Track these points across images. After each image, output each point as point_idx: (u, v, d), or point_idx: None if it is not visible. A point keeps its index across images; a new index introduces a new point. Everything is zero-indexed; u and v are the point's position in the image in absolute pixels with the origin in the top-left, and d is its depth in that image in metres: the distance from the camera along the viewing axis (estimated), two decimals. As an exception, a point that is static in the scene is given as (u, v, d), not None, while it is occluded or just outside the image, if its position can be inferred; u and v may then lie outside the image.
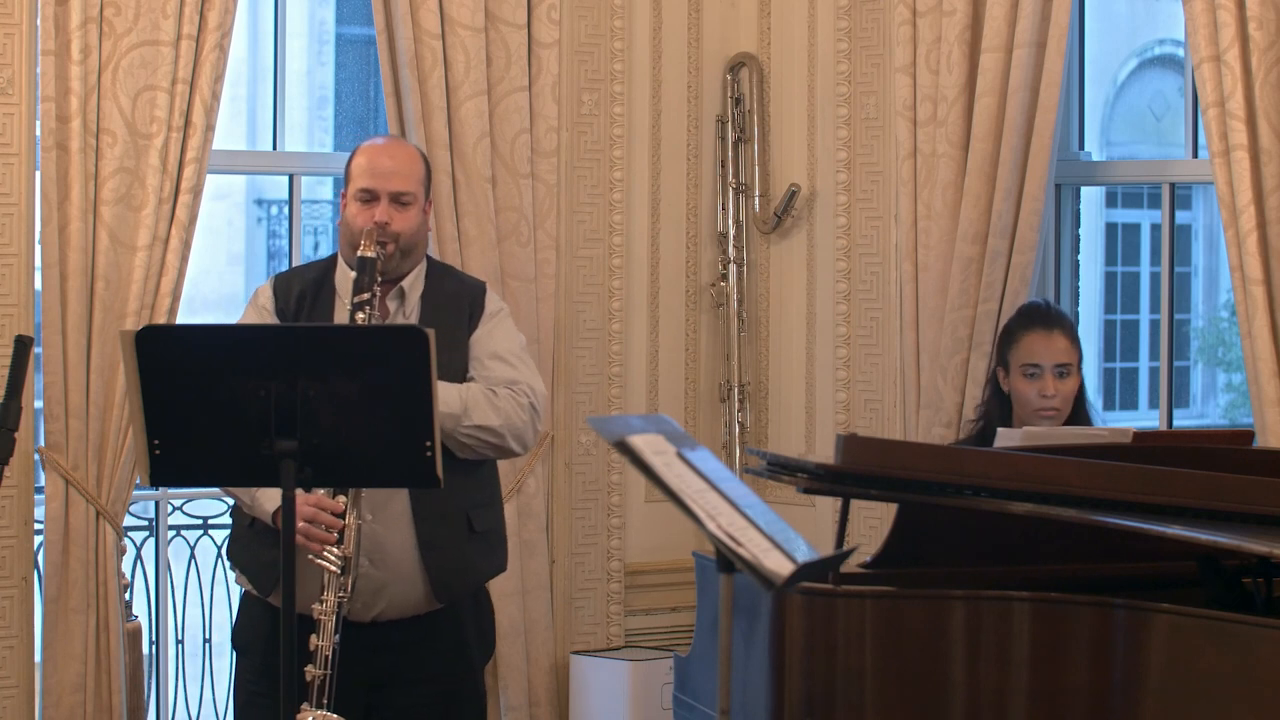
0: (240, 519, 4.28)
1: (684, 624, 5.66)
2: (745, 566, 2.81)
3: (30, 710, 4.98)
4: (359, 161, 4.28)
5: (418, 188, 4.26)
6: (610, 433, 2.98)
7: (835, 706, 3.49)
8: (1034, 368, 4.57)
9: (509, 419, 4.16)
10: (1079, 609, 3.44)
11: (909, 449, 4.02)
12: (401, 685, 4.23)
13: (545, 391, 4.33)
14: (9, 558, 4.95)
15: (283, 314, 4.26)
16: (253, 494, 4.13)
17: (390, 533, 4.15)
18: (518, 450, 4.24)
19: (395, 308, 4.26)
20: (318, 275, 4.30)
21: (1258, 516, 3.53)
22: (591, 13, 5.64)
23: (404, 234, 4.21)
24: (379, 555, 4.15)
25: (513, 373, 4.23)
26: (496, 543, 4.36)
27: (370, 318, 4.08)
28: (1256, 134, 4.71)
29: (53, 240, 4.89)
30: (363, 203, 4.22)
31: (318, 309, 4.24)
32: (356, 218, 4.21)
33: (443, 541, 4.19)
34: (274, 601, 4.19)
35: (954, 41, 5.20)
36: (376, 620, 4.17)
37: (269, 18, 5.66)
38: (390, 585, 4.16)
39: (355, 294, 4.09)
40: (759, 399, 5.84)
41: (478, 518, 4.26)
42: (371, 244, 4.13)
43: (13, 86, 4.90)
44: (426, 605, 4.22)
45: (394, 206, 4.22)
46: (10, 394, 3.86)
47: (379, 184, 4.22)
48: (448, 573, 4.20)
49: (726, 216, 5.83)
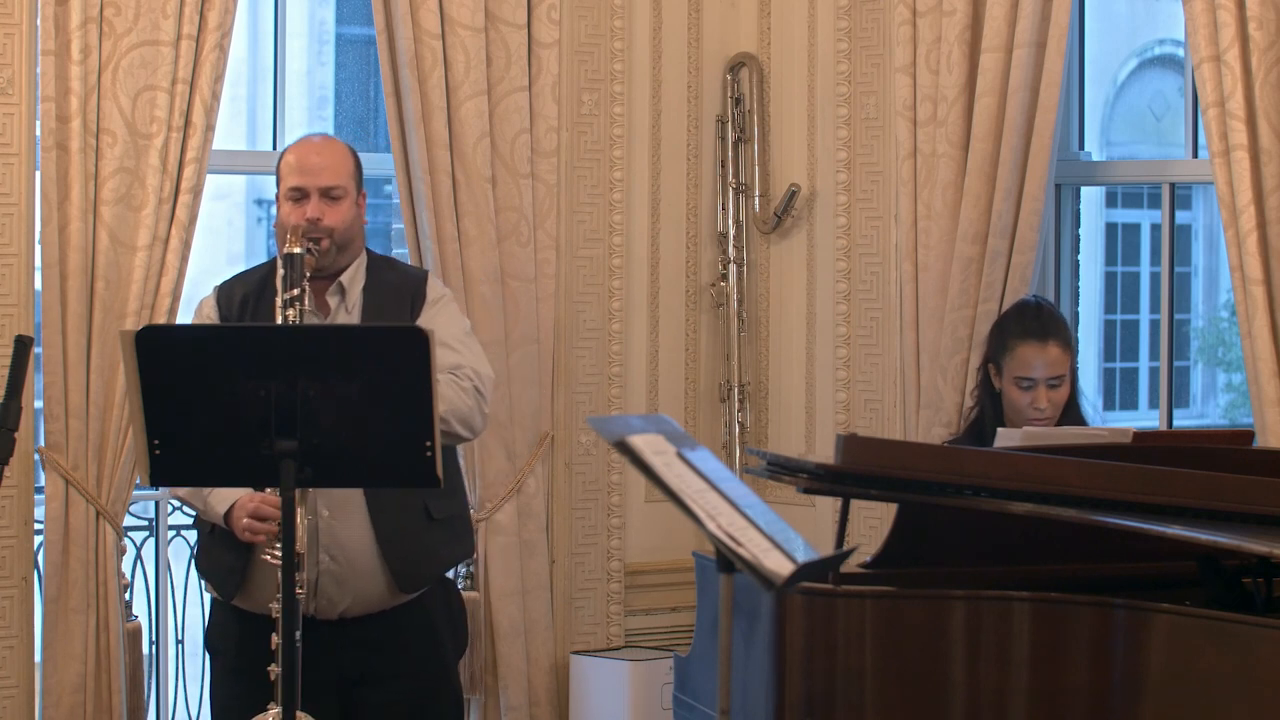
0: (204, 526, 4.31)
1: (684, 624, 5.66)
2: (745, 566, 2.81)
3: (30, 710, 4.97)
4: (288, 160, 4.31)
5: (347, 181, 4.28)
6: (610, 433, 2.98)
7: (835, 706, 3.49)
8: (1027, 380, 4.56)
9: (452, 404, 4.14)
10: (1079, 609, 3.44)
11: (909, 449, 4.02)
12: (375, 682, 4.24)
13: (492, 374, 4.32)
14: (9, 558, 4.95)
15: (225, 320, 4.28)
16: (204, 498, 4.14)
17: (347, 527, 4.17)
18: (466, 435, 4.24)
19: (336, 303, 4.28)
20: (259, 278, 4.32)
21: (1258, 516, 3.53)
22: (591, 13, 5.64)
23: (337, 228, 4.24)
24: (338, 550, 4.16)
25: (455, 357, 4.22)
26: (460, 529, 4.38)
27: (300, 315, 4.07)
28: (1256, 134, 4.71)
29: (53, 240, 4.89)
30: (294, 201, 4.25)
31: (260, 311, 4.25)
32: (289, 216, 4.23)
33: (401, 532, 4.21)
34: (240, 604, 4.24)
35: (954, 41, 5.20)
36: (344, 616, 4.19)
37: (269, 18, 5.66)
38: (352, 580, 4.17)
39: (284, 291, 4.09)
40: (759, 399, 5.84)
41: (436, 505, 4.27)
42: (298, 240, 4.14)
43: (13, 86, 4.90)
44: (391, 599, 4.23)
45: (325, 201, 4.24)
46: (10, 394, 3.86)
47: (308, 181, 4.25)
48: (408, 563, 4.22)
49: (726, 216, 5.83)
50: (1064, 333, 4.64)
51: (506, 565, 5.41)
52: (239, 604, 4.24)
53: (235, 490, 4.09)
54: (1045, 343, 4.57)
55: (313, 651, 4.00)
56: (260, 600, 4.15)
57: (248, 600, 4.22)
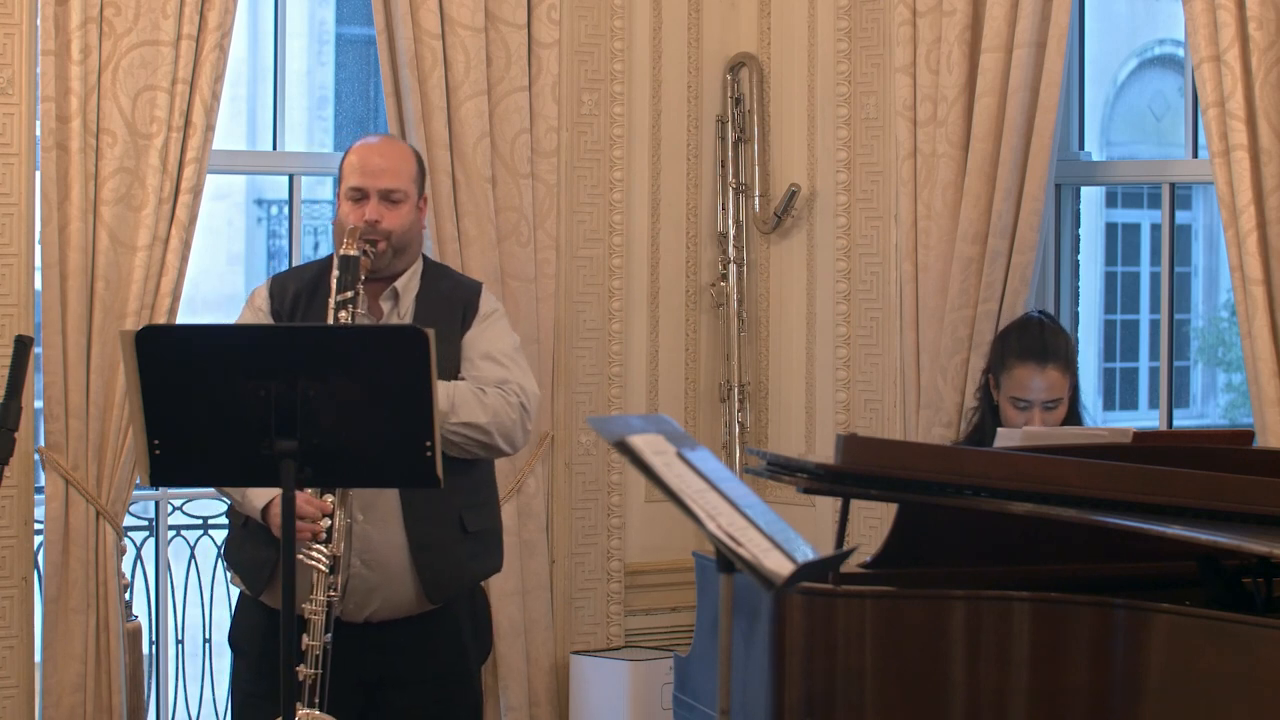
0: (235, 519, 4.29)
1: (684, 624, 5.66)
2: (745, 566, 2.81)
3: (30, 710, 4.98)
4: (350, 160, 4.28)
5: (409, 185, 4.26)
6: (610, 433, 2.98)
7: (835, 706, 3.49)
8: (1023, 402, 4.56)
9: (496, 417, 4.15)
10: (1079, 609, 3.44)
11: (909, 449, 4.02)
12: (397, 686, 4.23)
13: (538, 392, 4.32)
14: (9, 558, 4.95)
15: (278, 315, 4.25)
16: (243, 490, 4.13)
17: (381, 533, 4.16)
18: (506, 450, 4.23)
19: (389, 308, 4.26)
20: (314, 275, 4.30)
21: (1258, 516, 3.53)
22: (591, 13, 5.64)
23: (395, 232, 4.21)
24: (370, 555, 4.15)
25: (504, 372, 4.22)
26: (491, 543, 4.36)
27: (353, 316, 4.06)
28: (1256, 134, 4.71)
29: (53, 240, 4.89)
30: (354, 201, 4.22)
31: (313, 309, 4.23)
32: (348, 216, 4.21)
33: (434, 542, 4.19)
34: (266, 601, 4.21)
35: (954, 41, 5.20)
36: (370, 620, 4.17)
37: (269, 18, 5.66)
38: (382, 585, 4.16)
39: (338, 292, 4.08)
40: (759, 399, 5.84)
41: (470, 518, 4.26)
42: (355, 242, 4.12)
43: (13, 86, 4.90)
44: (419, 606, 4.22)
45: (384, 204, 4.21)
46: (10, 394, 3.86)
47: (369, 182, 4.22)
48: (439, 573, 4.20)
49: (726, 216, 5.83)
50: (1064, 354, 4.60)
51: (507, 565, 5.39)
52: (266, 600, 4.21)
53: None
54: (1044, 365, 4.55)
55: (336, 653, 4.00)
56: None
57: (276, 597, 4.18)
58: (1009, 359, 4.60)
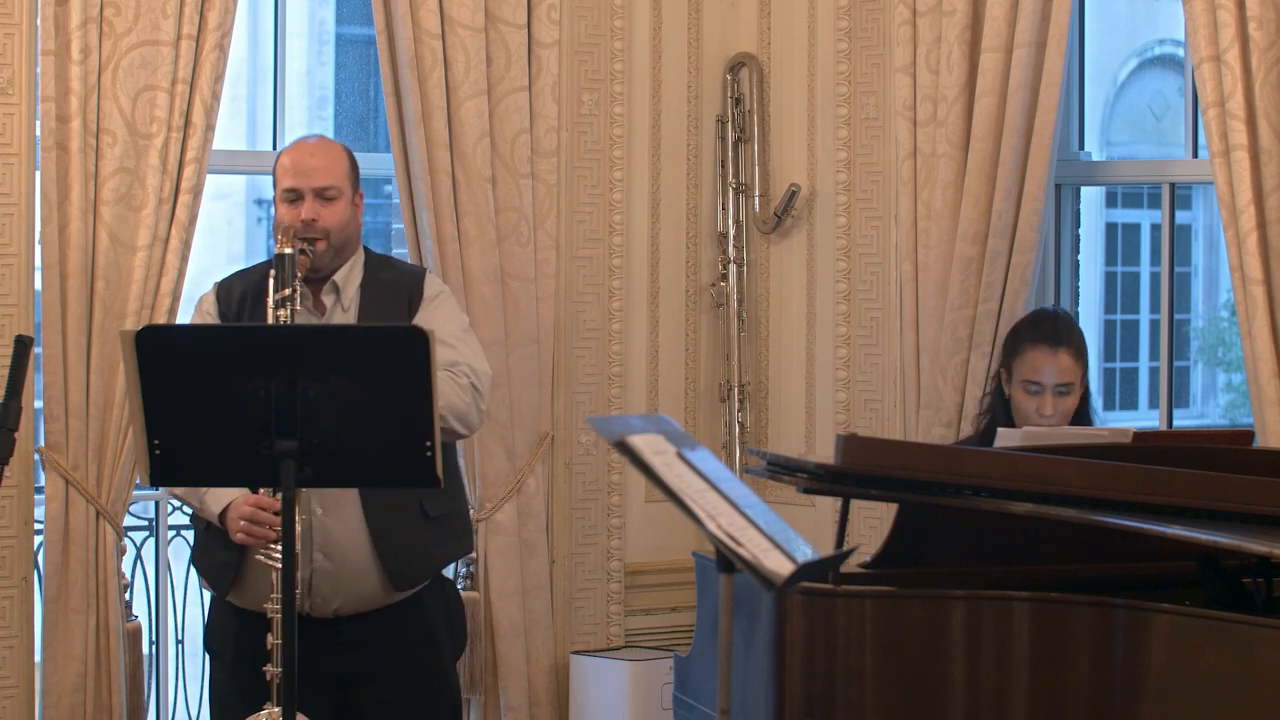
0: (199, 523, 4.32)
1: (684, 624, 5.66)
2: (745, 566, 2.81)
3: (30, 710, 4.97)
4: (283, 162, 4.32)
5: (342, 181, 4.29)
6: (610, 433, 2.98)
7: (835, 706, 3.49)
8: (1035, 385, 4.56)
9: (449, 401, 4.14)
10: (1079, 609, 3.44)
11: (909, 449, 4.02)
12: (371, 681, 4.24)
13: (488, 370, 4.33)
14: (9, 558, 4.95)
15: (225, 317, 4.30)
16: (200, 496, 4.15)
17: (341, 524, 4.17)
18: (463, 431, 4.24)
19: (332, 302, 4.29)
20: (259, 276, 4.33)
21: (1258, 516, 3.53)
22: (591, 13, 5.64)
23: (333, 229, 4.25)
24: (331, 548, 4.17)
25: (452, 354, 4.23)
26: (456, 526, 4.37)
27: (292, 315, 4.07)
28: (1256, 134, 4.71)
29: (53, 240, 4.89)
30: (289, 202, 4.27)
31: (259, 309, 4.26)
32: (285, 217, 4.24)
33: (395, 529, 4.21)
34: (234, 601, 4.25)
35: (954, 41, 5.20)
36: (338, 614, 4.19)
37: (269, 18, 5.66)
38: (345, 578, 4.17)
39: (275, 291, 4.09)
40: (759, 399, 5.84)
41: (431, 503, 4.27)
42: (289, 241, 4.15)
43: (13, 86, 4.90)
44: (385, 597, 4.23)
45: (319, 202, 4.25)
46: (10, 394, 3.86)
47: (302, 182, 4.26)
48: (402, 561, 4.22)
49: (726, 216, 5.83)
50: (1078, 342, 4.61)
51: (506, 565, 5.41)
52: (233, 600, 4.25)
53: (231, 490, 4.10)
54: (1057, 349, 4.56)
55: (307, 650, 3.99)
56: (254, 597, 4.15)
57: (242, 597, 4.23)
58: (1022, 344, 4.61)
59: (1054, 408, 4.53)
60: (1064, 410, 4.55)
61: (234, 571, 4.21)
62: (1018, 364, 4.59)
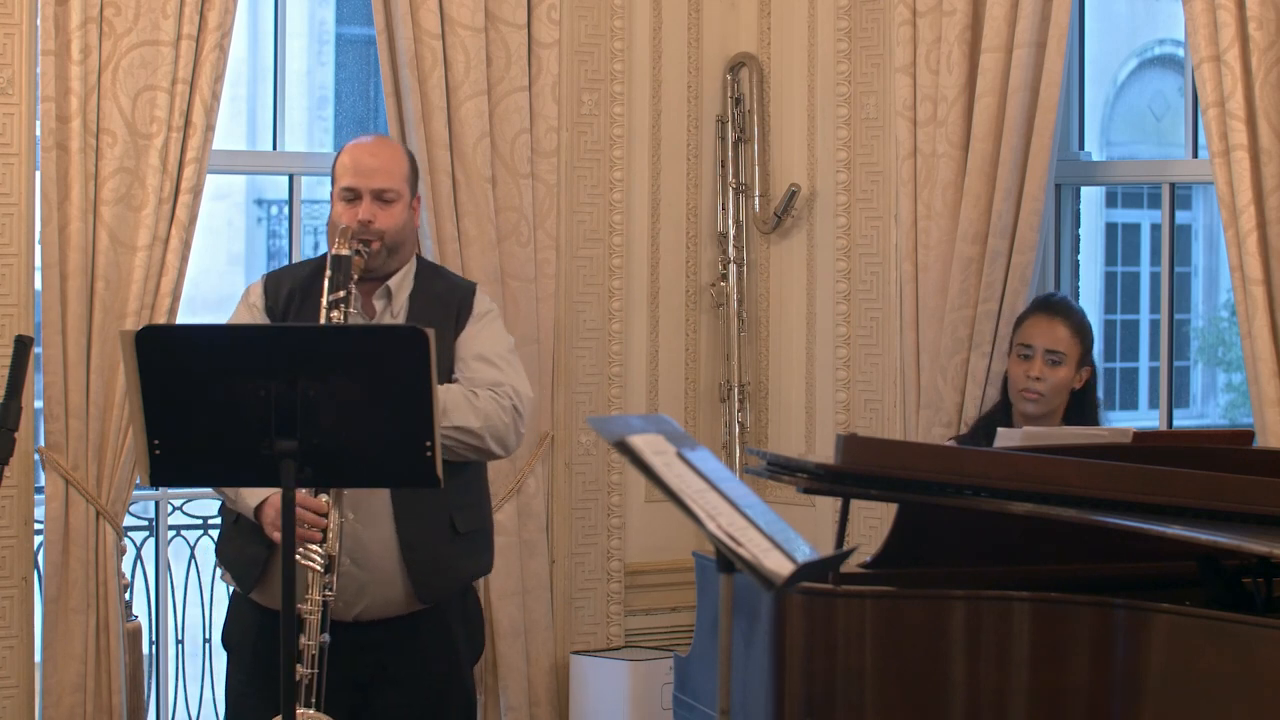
0: (227, 515, 4.29)
1: (684, 624, 5.66)
2: (745, 566, 2.81)
3: (30, 710, 4.97)
4: (343, 160, 4.28)
5: (402, 185, 4.26)
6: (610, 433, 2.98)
7: (835, 706, 3.49)
8: (1027, 348, 4.60)
9: (489, 420, 4.14)
10: (1079, 609, 3.44)
11: (909, 449, 4.02)
12: (388, 684, 4.23)
13: (531, 394, 4.32)
14: (9, 558, 4.95)
15: (272, 312, 4.26)
16: (237, 489, 4.13)
17: (372, 532, 4.15)
18: (499, 452, 4.22)
19: (382, 307, 4.26)
20: (308, 274, 4.30)
21: (1258, 516, 3.53)
22: (591, 13, 5.64)
23: (388, 231, 4.21)
24: (360, 554, 4.15)
25: (497, 374, 4.22)
26: (481, 544, 4.35)
27: (345, 316, 4.06)
28: (1256, 134, 4.71)
29: (53, 240, 4.89)
30: (347, 201, 4.23)
31: (306, 308, 4.23)
32: (341, 216, 4.21)
33: (424, 541, 4.19)
34: (257, 599, 4.21)
35: (954, 41, 5.20)
36: (359, 619, 4.17)
37: (269, 18, 5.66)
38: (371, 584, 4.16)
39: (330, 292, 4.08)
40: (759, 399, 5.84)
41: (461, 518, 4.25)
42: (346, 242, 4.13)
43: (13, 86, 4.90)
44: (408, 605, 4.22)
45: (377, 204, 4.22)
46: (10, 394, 3.86)
47: (361, 182, 4.23)
48: (429, 573, 4.20)
49: (726, 216, 5.83)
50: (1077, 320, 4.66)
51: (506, 565, 5.41)
52: (257, 598, 4.21)
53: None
54: (1054, 317, 4.62)
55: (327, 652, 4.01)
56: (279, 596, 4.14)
57: (266, 595, 4.20)
58: (1023, 316, 4.70)
59: (1041, 372, 4.56)
60: (1053, 381, 4.57)
61: (261, 569, 4.17)
62: (1016, 334, 4.66)
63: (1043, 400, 4.57)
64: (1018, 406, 4.60)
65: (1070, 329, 4.62)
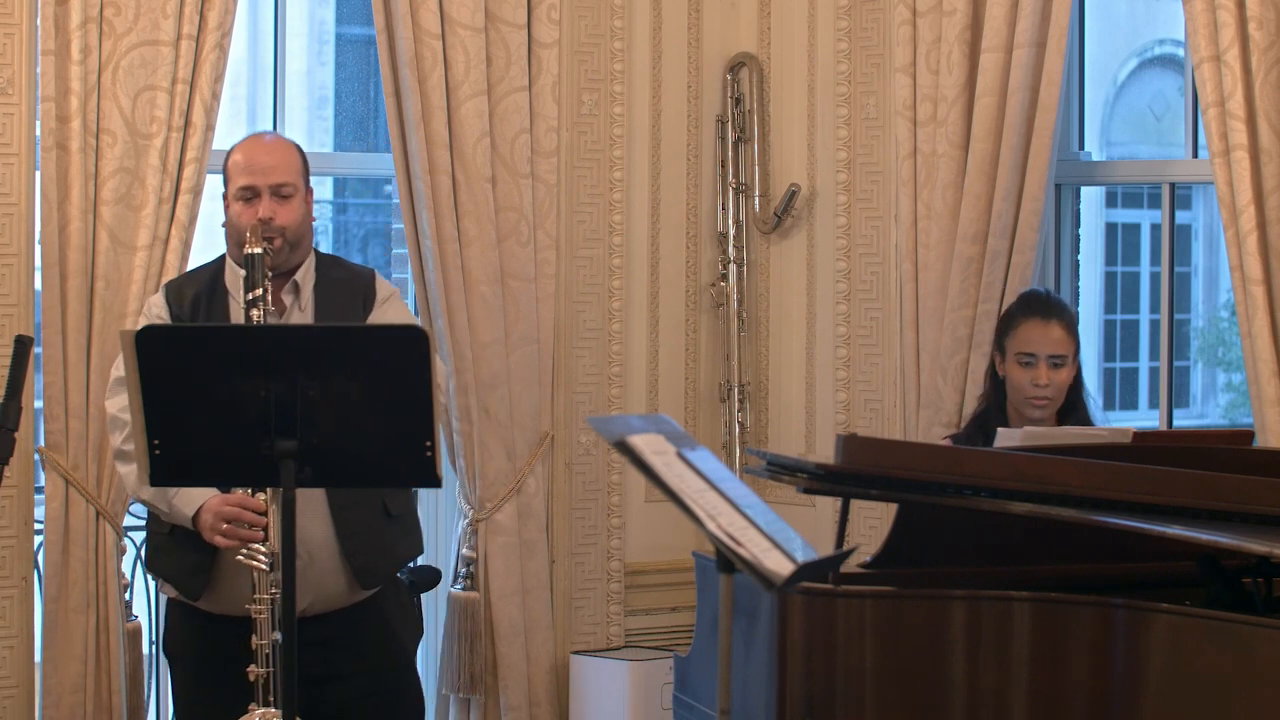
0: (159, 526, 4.28)
1: (684, 624, 5.66)
2: (745, 566, 2.81)
3: (30, 710, 4.97)
4: (236, 160, 4.30)
5: (297, 179, 4.29)
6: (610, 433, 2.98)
7: (835, 706, 3.49)
8: (1029, 356, 4.58)
9: None
10: (1079, 609, 3.44)
11: (909, 449, 4.02)
12: (338, 680, 4.25)
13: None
14: (9, 558, 4.95)
15: (177, 319, 4.27)
16: (169, 500, 4.13)
17: (309, 525, 4.15)
18: None
19: (291, 301, 4.29)
20: (209, 278, 4.33)
21: (1258, 516, 3.53)
22: (591, 13, 5.64)
23: (289, 227, 4.24)
24: (300, 547, 4.14)
25: None
26: (412, 526, 4.42)
27: (264, 314, 4.08)
28: (1256, 134, 4.71)
29: (53, 240, 4.89)
30: (245, 201, 4.25)
31: (213, 311, 4.26)
32: (240, 216, 4.24)
33: (361, 527, 4.23)
34: (204, 606, 4.23)
35: (954, 41, 5.20)
36: (305, 615, 4.17)
37: (269, 18, 5.66)
38: (313, 577, 4.17)
39: (247, 291, 4.10)
40: (759, 399, 5.84)
41: (393, 502, 4.30)
42: (257, 240, 4.15)
43: (13, 86, 4.90)
44: (350, 595, 4.25)
45: (276, 200, 4.24)
46: (10, 394, 3.86)
47: (258, 180, 4.25)
48: (367, 559, 4.24)
49: (726, 216, 5.83)
50: (1069, 316, 4.66)
51: (506, 565, 5.41)
52: (204, 605, 4.23)
53: (202, 491, 4.09)
54: (1049, 320, 4.60)
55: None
56: (229, 601, 4.14)
57: (215, 601, 4.20)
58: (1014, 320, 4.66)
59: (1048, 378, 4.55)
60: (1058, 383, 4.56)
61: (206, 575, 4.19)
62: (1010, 340, 4.62)
63: (1051, 404, 4.58)
64: (1024, 413, 4.57)
65: (1065, 328, 4.62)
